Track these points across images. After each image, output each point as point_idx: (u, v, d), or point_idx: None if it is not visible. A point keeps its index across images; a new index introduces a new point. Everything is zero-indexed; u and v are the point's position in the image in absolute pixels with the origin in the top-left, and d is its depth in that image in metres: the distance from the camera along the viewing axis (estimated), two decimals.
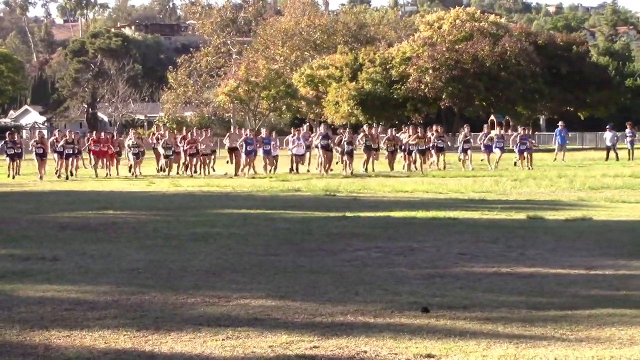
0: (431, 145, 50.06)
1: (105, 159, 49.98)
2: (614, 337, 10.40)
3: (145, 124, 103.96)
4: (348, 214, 24.45)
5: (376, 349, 9.86)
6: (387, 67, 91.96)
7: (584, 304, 12.30)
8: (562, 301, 12.53)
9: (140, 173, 48.86)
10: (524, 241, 19.08)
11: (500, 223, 22.74)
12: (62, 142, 46.16)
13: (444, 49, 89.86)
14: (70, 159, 46.74)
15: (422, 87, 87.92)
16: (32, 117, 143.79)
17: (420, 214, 24.53)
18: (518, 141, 50.16)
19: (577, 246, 18.27)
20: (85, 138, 54.73)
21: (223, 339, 10.33)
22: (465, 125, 53.39)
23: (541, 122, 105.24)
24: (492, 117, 78.74)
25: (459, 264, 16.23)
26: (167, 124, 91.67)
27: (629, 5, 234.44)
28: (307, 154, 50.89)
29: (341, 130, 54.79)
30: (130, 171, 48.99)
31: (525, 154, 49.93)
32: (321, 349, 9.88)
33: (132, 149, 48.47)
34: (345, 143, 47.09)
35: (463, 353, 9.62)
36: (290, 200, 29.83)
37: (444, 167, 50.08)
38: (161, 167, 50.55)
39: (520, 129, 53.52)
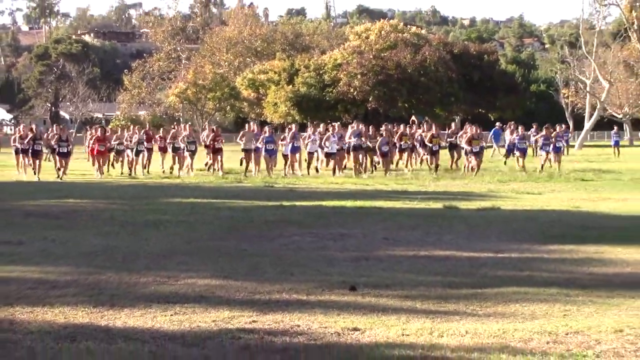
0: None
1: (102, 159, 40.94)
2: (517, 312, 10.53)
3: (103, 121, 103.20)
4: (285, 204, 24.45)
5: (308, 323, 9.91)
6: (321, 72, 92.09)
7: (492, 283, 12.44)
8: (473, 281, 12.65)
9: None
10: (440, 228, 19.21)
11: (420, 212, 22.87)
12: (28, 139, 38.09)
13: (371, 56, 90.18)
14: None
15: (352, 90, 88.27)
16: (0, 114, 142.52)
17: (349, 203, 24.60)
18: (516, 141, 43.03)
19: (486, 232, 18.43)
20: (88, 134, 48.76)
21: (171, 315, 10.34)
22: (468, 125, 43.20)
23: (456, 122, 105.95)
24: (412, 117, 78.91)
25: (383, 248, 16.32)
26: (123, 122, 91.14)
27: (533, 19, 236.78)
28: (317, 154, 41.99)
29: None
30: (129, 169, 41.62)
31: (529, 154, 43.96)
32: (259, 323, 9.91)
33: (137, 145, 40.87)
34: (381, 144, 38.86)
35: (385, 327, 9.69)
36: (234, 191, 29.77)
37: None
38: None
39: (520, 129, 44.87)
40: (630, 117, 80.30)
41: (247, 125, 44.72)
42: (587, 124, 78.89)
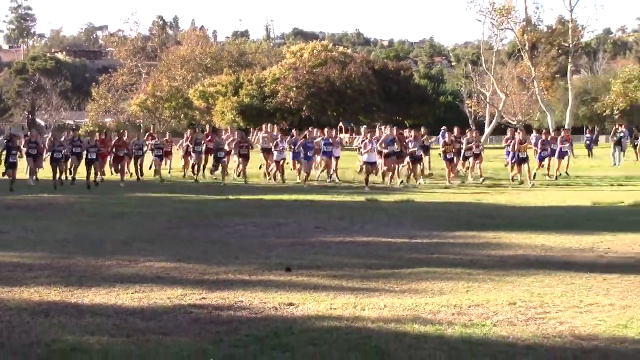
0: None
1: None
2: (428, 289, 10.60)
3: (75, 127, 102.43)
4: (231, 197, 24.41)
5: (250, 299, 9.89)
6: (262, 85, 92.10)
7: (407, 264, 12.49)
8: (391, 263, 12.69)
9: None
10: (363, 218, 19.27)
11: (346, 204, 22.93)
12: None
13: (305, 72, 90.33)
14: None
15: (288, 101, 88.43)
16: None
17: (286, 197, 24.60)
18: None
19: (403, 221, 18.52)
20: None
21: (132, 293, 10.28)
22: (469, 131, 37.08)
23: (378, 128, 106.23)
24: (340, 124, 79.06)
25: (314, 235, 16.34)
26: (92, 128, 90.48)
27: (442, 41, 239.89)
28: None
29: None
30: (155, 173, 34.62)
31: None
32: (208, 300, 9.88)
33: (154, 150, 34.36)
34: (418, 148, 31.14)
35: (316, 302, 9.70)
36: (188, 186, 29.59)
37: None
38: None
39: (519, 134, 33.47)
40: (523, 124, 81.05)
41: (264, 126, 36.56)
42: (487, 130, 79.50)
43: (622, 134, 41.86)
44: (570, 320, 8.76)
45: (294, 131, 36.94)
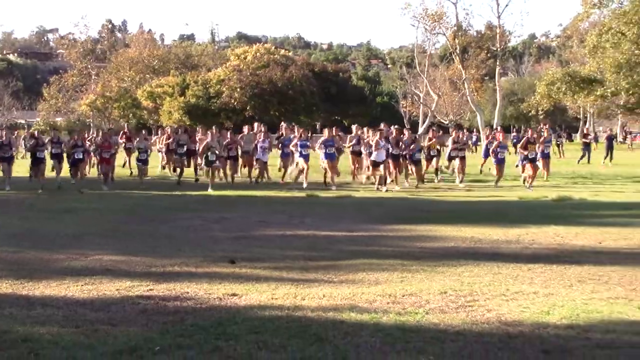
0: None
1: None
2: (365, 279, 10.64)
3: (26, 126, 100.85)
4: (178, 193, 24.29)
5: (196, 290, 9.85)
6: (207, 86, 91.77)
7: (345, 256, 12.52)
8: (330, 255, 12.72)
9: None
10: (303, 212, 19.28)
11: (287, 200, 22.93)
12: None
13: (248, 73, 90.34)
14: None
15: (232, 101, 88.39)
16: None
17: (230, 192, 24.53)
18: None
19: (342, 215, 18.57)
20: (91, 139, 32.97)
21: (82, 285, 10.17)
22: (454, 130, 33.39)
23: (318, 127, 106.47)
24: (282, 123, 78.96)
25: (257, 228, 16.30)
26: (42, 127, 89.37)
27: (378, 45, 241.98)
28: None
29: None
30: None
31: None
32: (155, 291, 9.82)
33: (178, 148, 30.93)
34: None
35: (258, 292, 9.69)
36: (136, 183, 29.32)
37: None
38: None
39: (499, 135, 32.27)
40: (454, 123, 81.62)
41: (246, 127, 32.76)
42: (421, 129, 79.83)
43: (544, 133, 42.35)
44: (497, 308, 8.85)
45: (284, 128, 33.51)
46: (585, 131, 57.58)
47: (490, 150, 30.19)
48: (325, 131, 28.78)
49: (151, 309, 8.82)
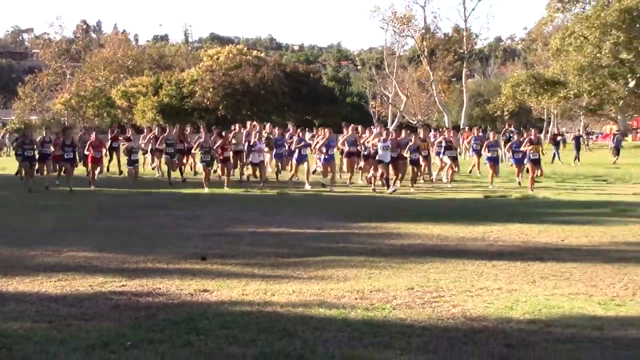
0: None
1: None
2: (333, 275, 10.64)
3: (1, 124, 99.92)
4: (152, 190, 24.19)
5: (168, 286, 9.81)
6: (180, 86, 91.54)
7: (314, 253, 12.52)
8: (300, 251, 12.71)
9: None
10: (274, 210, 19.27)
11: (259, 197, 22.91)
12: None
13: (221, 74, 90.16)
14: None
15: (205, 100, 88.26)
16: None
17: (202, 191, 24.45)
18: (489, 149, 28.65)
19: (312, 213, 18.54)
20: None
21: (55, 281, 10.11)
22: (446, 130, 33.41)
23: (290, 127, 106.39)
24: (254, 122, 78.84)
25: (229, 225, 16.25)
26: (18, 125, 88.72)
27: (349, 46, 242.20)
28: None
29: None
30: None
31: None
32: (128, 287, 9.78)
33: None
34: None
35: (229, 288, 9.67)
36: (108, 181, 29.11)
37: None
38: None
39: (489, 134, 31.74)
40: (422, 123, 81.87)
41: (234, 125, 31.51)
42: (390, 128, 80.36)
43: (510, 133, 42.53)
44: (462, 303, 8.90)
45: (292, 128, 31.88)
46: (556, 131, 57.94)
47: (483, 149, 29.53)
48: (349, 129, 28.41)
49: (123, 305, 8.78)
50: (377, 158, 24.67)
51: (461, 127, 52.56)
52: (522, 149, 26.61)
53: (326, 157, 26.00)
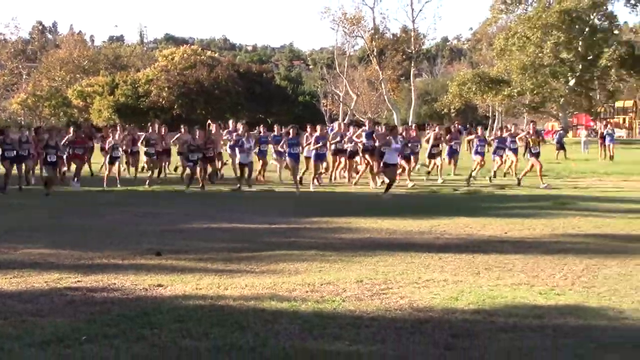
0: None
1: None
2: (285, 269, 10.63)
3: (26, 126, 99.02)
4: (115, 188, 23.97)
5: (122, 282, 9.73)
6: (136, 86, 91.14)
7: (266, 247, 12.49)
8: (253, 246, 12.67)
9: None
10: (229, 206, 19.23)
11: (215, 194, 22.82)
12: None
13: (176, 74, 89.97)
14: None
15: (161, 100, 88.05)
16: None
17: (159, 188, 24.29)
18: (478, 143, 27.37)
19: (265, 209, 18.53)
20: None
21: (11, 278, 9.97)
22: (435, 125, 32.49)
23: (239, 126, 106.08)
24: (209, 121, 78.50)
25: (183, 222, 16.14)
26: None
27: (301, 46, 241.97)
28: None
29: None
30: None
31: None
32: (83, 283, 9.67)
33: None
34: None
35: (183, 283, 9.61)
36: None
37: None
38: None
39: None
40: (372, 121, 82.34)
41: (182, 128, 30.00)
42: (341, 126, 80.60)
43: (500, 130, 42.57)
44: (410, 295, 8.95)
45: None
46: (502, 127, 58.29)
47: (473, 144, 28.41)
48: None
49: (78, 300, 8.69)
50: (384, 160, 21.52)
51: (409, 124, 52.69)
52: (516, 140, 26.02)
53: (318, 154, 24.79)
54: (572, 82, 70.84)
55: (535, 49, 69.08)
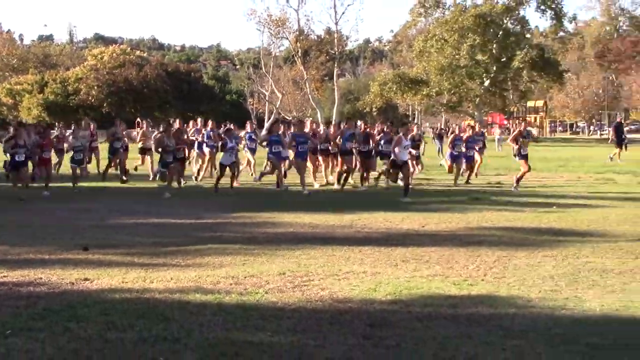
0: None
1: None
2: (210, 263, 10.56)
3: None
4: (53, 185, 23.35)
5: (49, 276, 9.54)
6: (65, 84, 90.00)
7: (193, 241, 12.40)
8: (179, 240, 12.57)
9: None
10: (160, 202, 19.08)
11: (146, 191, 22.55)
12: None
13: (105, 73, 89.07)
14: None
15: (90, 98, 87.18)
16: None
17: (94, 184, 23.89)
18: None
19: (193, 204, 18.39)
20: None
21: None
22: (411, 124, 29.85)
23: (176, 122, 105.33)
24: (138, 119, 77.68)
25: (113, 217, 15.93)
26: None
27: (228, 47, 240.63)
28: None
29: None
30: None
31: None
32: (9, 277, 9.46)
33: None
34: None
35: (109, 277, 9.48)
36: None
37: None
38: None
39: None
40: (297, 119, 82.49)
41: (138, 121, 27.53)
42: (267, 124, 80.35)
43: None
44: (330, 286, 8.97)
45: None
46: (440, 125, 59.19)
47: (448, 144, 25.58)
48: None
49: (4, 295, 8.50)
50: (392, 158, 20.09)
51: (333, 122, 52.86)
52: (508, 141, 23.10)
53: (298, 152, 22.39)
54: (487, 83, 72.13)
55: (453, 51, 70.14)
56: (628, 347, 6.69)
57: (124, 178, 24.76)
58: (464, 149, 24.30)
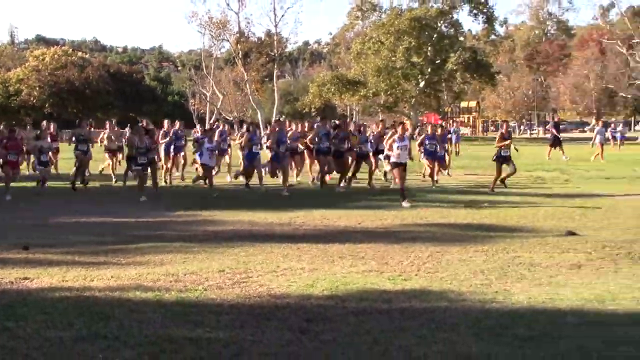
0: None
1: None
2: (150, 261, 10.48)
3: None
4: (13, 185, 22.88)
5: None
6: (7, 85, 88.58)
7: (133, 240, 12.29)
8: (120, 239, 12.45)
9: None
10: (100, 200, 18.87)
11: (95, 191, 22.21)
12: None
13: (47, 74, 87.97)
14: None
15: (32, 99, 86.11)
16: None
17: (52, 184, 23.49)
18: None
19: (136, 204, 18.19)
20: None
21: None
22: (405, 122, 24.35)
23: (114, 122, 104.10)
24: (83, 120, 76.89)
25: (56, 216, 15.71)
26: None
27: (170, 48, 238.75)
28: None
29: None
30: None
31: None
32: None
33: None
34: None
35: (50, 276, 9.33)
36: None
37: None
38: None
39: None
40: (238, 119, 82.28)
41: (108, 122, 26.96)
42: (208, 125, 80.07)
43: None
44: (268, 283, 8.96)
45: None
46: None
47: (417, 144, 23.88)
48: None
49: None
50: (392, 160, 18.59)
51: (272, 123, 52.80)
52: (495, 145, 21.59)
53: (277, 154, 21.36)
54: (422, 84, 72.73)
55: (389, 53, 70.56)
56: (554, 338, 6.81)
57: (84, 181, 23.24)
58: (438, 148, 23.49)
